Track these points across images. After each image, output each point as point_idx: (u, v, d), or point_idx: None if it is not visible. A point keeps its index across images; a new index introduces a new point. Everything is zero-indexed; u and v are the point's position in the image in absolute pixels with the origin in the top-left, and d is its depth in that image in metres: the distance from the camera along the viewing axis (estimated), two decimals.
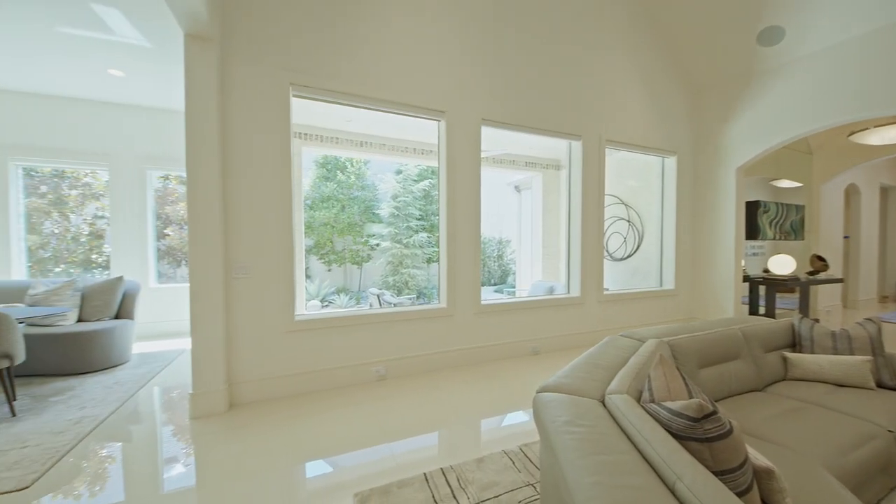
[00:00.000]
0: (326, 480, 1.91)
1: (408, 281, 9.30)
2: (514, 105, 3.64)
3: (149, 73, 3.85)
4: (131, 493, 1.81)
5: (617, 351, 1.61)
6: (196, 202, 2.46)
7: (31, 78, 3.96)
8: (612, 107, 4.25)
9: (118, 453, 2.17)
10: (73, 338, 3.25)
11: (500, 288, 10.45)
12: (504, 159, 6.71)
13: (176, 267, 6.81)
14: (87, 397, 2.81)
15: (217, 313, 2.54)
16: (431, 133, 5.19)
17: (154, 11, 2.77)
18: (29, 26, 3.01)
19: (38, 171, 5.09)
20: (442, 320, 3.38)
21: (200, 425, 2.41)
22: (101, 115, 4.61)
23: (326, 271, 9.59)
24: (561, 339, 3.97)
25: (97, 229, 5.65)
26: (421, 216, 9.69)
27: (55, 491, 1.79)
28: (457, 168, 3.38)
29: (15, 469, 1.91)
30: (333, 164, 9.65)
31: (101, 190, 5.53)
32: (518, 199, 8.43)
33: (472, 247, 3.48)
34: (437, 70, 3.27)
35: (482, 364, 3.50)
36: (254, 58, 2.66)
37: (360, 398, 2.79)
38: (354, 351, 3.06)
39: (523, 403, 2.73)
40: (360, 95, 2.98)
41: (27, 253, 4.64)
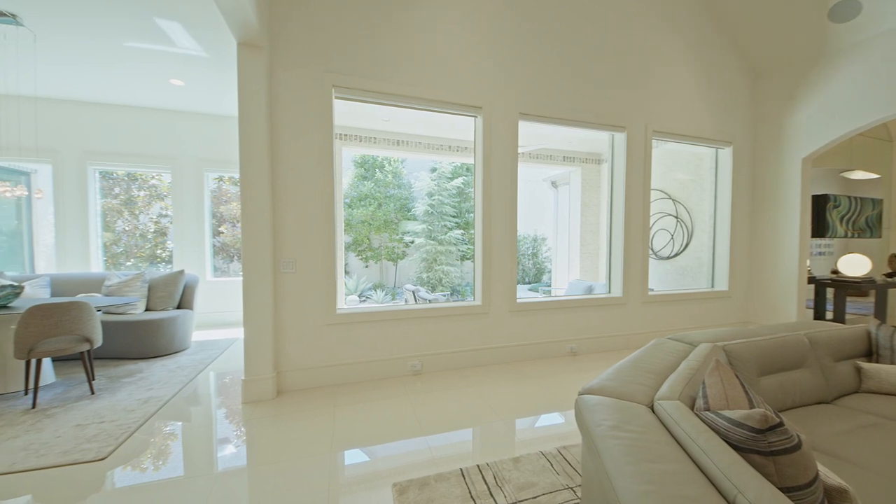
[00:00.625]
0: (366, 468, 1.97)
1: (441, 278, 9.37)
2: (553, 97, 3.54)
3: (205, 82, 4.14)
4: (189, 469, 1.98)
5: (665, 355, 1.53)
6: (249, 202, 2.62)
7: (105, 90, 4.39)
8: (659, 95, 4.01)
9: (179, 432, 2.37)
10: (142, 325, 3.59)
11: (534, 286, 10.25)
12: (541, 154, 6.56)
13: (229, 262, 7.31)
14: (153, 379, 3.10)
15: (267, 306, 2.70)
16: (467, 130, 5.19)
17: (210, 23, 2.97)
18: (102, 42, 3.33)
19: (112, 174, 5.64)
20: (477, 318, 3.37)
21: (251, 409, 2.58)
22: (165, 122, 5.03)
23: (364, 267, 9.88)
24: (600, 341, 3.83)
25: (161, 227, 6.20)
26: (455, 213, 9.72)
27: (126, 463, 1.99)
28: (493, 164, 3.35)
29: (94, 441, 2.14)
30: (371, 163, 9.89)
31: (165, 191, 6.05)
32: (554, 196, 8.21)
33: (508, 244, 3.44)
34: (473, 65, 3.25)
35: (517, 363, 3.46)
36: (299, 62, 2.78)
37: (396, 391, 2.86)
38: (391, 345, 3.13)
39: (560, 405, 2.67)
40: (398, 94, 3.03)
41: (103, 248, 5.16)
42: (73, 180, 4.79)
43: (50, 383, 2.94)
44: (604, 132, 3.91)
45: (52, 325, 2.57)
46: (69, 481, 1.82)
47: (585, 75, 3.66)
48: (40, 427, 2.29)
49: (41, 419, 2.39)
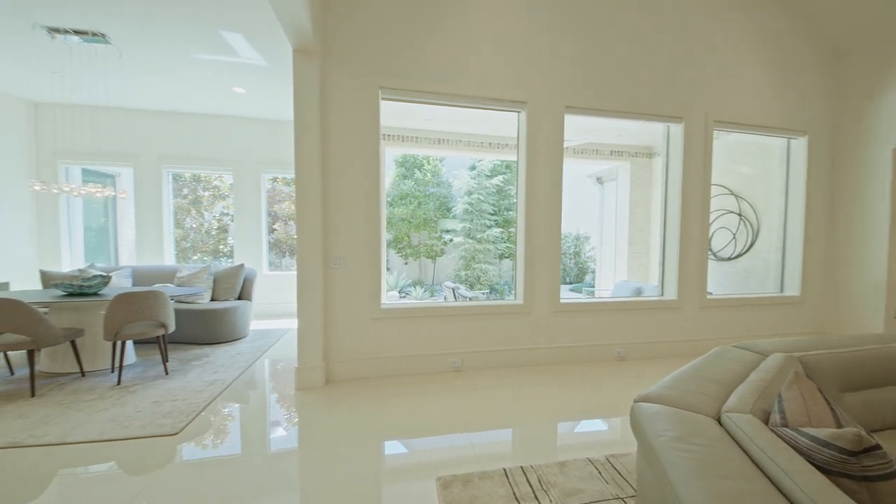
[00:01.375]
0: (410, 460, 2.02)
1: (479, 276, 9.34)
2: (601, 88, 3.38)
3: (263, 89, 4.42)
4: (246, 448, 2.14)
5: (731, 364, 1.42)
6: (303, 202, 2.77)
7: (177, 99, 4.83)
8: (722, 81, 3.70)
9: (239, 413, 2.56)
10: (207, 314, 3.93)
11: (577, 287, 9.91)
12: (586, 149, 6.31)
13: (281, 257, 7.78)
14: (217, 364, 3.38)
15: (318, 299, 2.84)
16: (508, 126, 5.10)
17: (269, 33, 3.16)
18: (175, 55, 3.66)
19: (182, 177, 6.20)
20: (519, 317, 3.32)
21: (302, 396, 2.73)
22: (228, 128, 5.45)
23: (403, 264, 10.07)
24: (651, 346, 3.62)
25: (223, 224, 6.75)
26: (494, 211, 9.63)
27: (194, 439, 2.18)
28: (537, 160, 3.27)
29: (168, 417, 2.38)
30: (411, 162, 10.05)
31: (227, 191, 6.57)
32: (600, 192, 7.87)
33: (551, 243, 3.35)
34: (516, 59, 3.18)
35: (560, 365, 3.36)
36: (348, 66, 2.88)
37: (437, 387, 2.89)
38: (433, 341, 3.17)
39: (606, 411, 2.56)
40: (442, 93, 3.05)
41: (174, 243, 5.69)
42: (150, 182, 5.33)
43: (131, 363, 3.30)
44: (658, 123, 3.68)
45: (134, 312, 2.88)
46: (147, 452, 2.04)
47: (637, 63, 3.46)
48: (124, 402, 2.57)
49: (125, 395, 2.69)
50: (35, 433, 2.15)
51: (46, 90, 4.48)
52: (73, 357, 3.02)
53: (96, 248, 5.80)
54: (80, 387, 2.82)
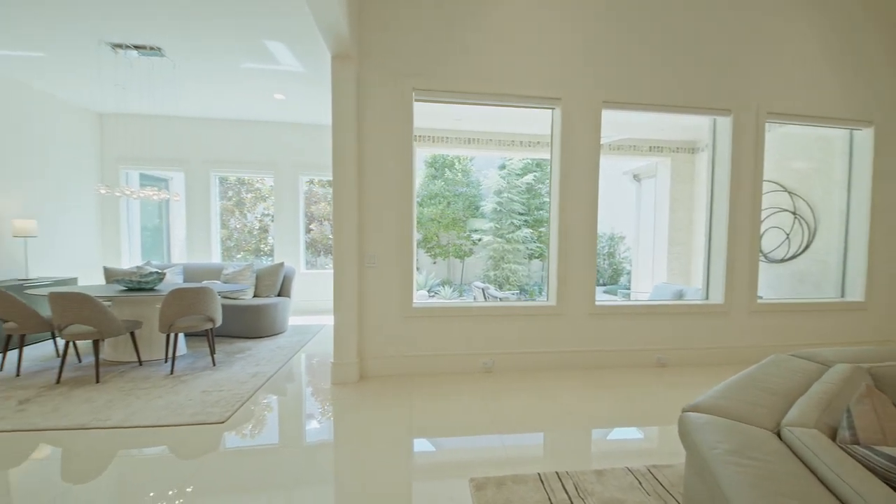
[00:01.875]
0: (442, 458, 2.03)
1: (509, 276, 9.24)
2: (641, 81, 3.24)
3: (302, 95, 4.60)
4: (285, 439, 2.23)
5: (789, 374, 1.32)
6: (340, 202, 2.86)
7: (223, 107, 5.12)
8: (775, 69, 3.44)
9: (279, 405, 2.68)
10: (250, 309, 4.14)
11: (611, 289, 9.58)
12: (622, 145, 6.07)
13: (316, 256, 8.07)
14: (259, 357, 3.55)
15: (353, 297, 2.92)
16: (540, 124, 5.00)
17: (308, 41, 3.28)
18: (223, 66, 3.88)
19: (227, 180, 6.57)
20: (551, 319, 3.25)
21: (338, 390, 2.82)
22: (269, 133, 5.72)
23: (432, 264, 10.13)
24: (694, 353, 3.43)
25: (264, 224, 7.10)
26: (524, 211, 9.50)
27: (238, 427, 2.30)
28: (571, 158, 3.19)
29: (216, 406, 2.52)
30: (441, 162, 10.10)
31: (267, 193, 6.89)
32: (637, 190, 7.56)
33: (586, 243, 3.25)
34: (551, 55, 3.11)
35: (595, 370, 3.26)
36: (383, 69, 2.94)
37: (468, 387, 2.89)
38: (463, 341, 3.17)
39: (646, 419, 2.46)
40: (475, 92, 3.04)
41: (220, 242, 6.04)
42: (199, 185, 5.69)
43: (182, 354, 3.54)
44: (703, 117, 3.48)
45: (186, 306, 3.09)
46: (196, 438, 2.17)
47: (680, 54, 3.29)
48: (177, 391, 2.76)
49: (177, 384, 2.88)
50: (99, 416, 2.35)
51: (110, 102, 4.89)
52: (131, 347, 3.28)
53: (151, 246, 6.27)
54: (138, 375, 3.05)
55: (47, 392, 2.70)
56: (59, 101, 4.76)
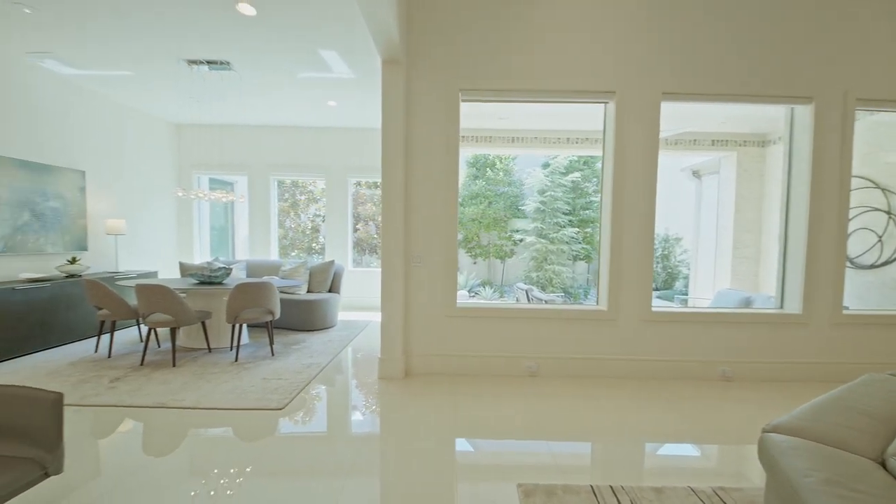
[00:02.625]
0: (488, 460, 2.01)
1: (552, 278, 8.97)
2: (706, 69, 2.98)
3: (352, 101, 4.80)
4: (335, 429, 2.34)
5: (890, 395, 1.14)
6: (388, 202, 2.94)
7: (280, 115, 5.48)
8: (865, 48, 3.01)
9: (330, 395, 2.81)
10: (304, 304, 4.40)
11: (665, 294, 8.96)
12: (681, 140, 5.66)
13: (362, 255, 8.38)
14: (312, 349, 3.75)
15: (399, 295, 2.99)
16: (589, 119, 4.81)
17: (359, 47, 3.41)
18: (282, 76, 4.15)
19: (283, 182, 7.02)
20: (602, 324, 3.11)
21: (384, 385, 2.90)
22: (321, 138, 6.04)
23: (472, 264, 10.09)
24: (766, 367, 3.11)
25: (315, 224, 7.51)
26: (569, 210, 9.17)
27: (293, 414, 2.45)
28: (626, 154, 3.02)
29: (275, 393, 2.70)
30: (482, 162, 10.03)
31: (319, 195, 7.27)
32: (696, 187, 7.01)
33: (642, 245, 3.07)
34: (604, 46, 2.96)
35: (650, 380, 3.06)
36: (430, 71, 2.98)
37: (513, 390, 2.84)
38: (507, 343, 3.13)
39: (710, 437, 2.27)
40: (524, 90, 2.98)
41: (278, 241, 6.46)
42: (260, 188, 6.14)
43: (245, 343, 3.83)
44: (778, 106, 3.14)
45: (249, 299, 3.34)
46: (256, 422, 2.34)
47: (750, 38, 2.98)
48: (241, 377, 2.99)
49: (241, 371, 3.12)
50: (176, 397, 2.61)
51: (185, 113, 5.43)
52: (202, 335, 3.60)
53: (218, 244, 6.87)
54: (208, 361, 3.35)
55: (133, 373, 3.04)
56: (143, 114, 5.36)
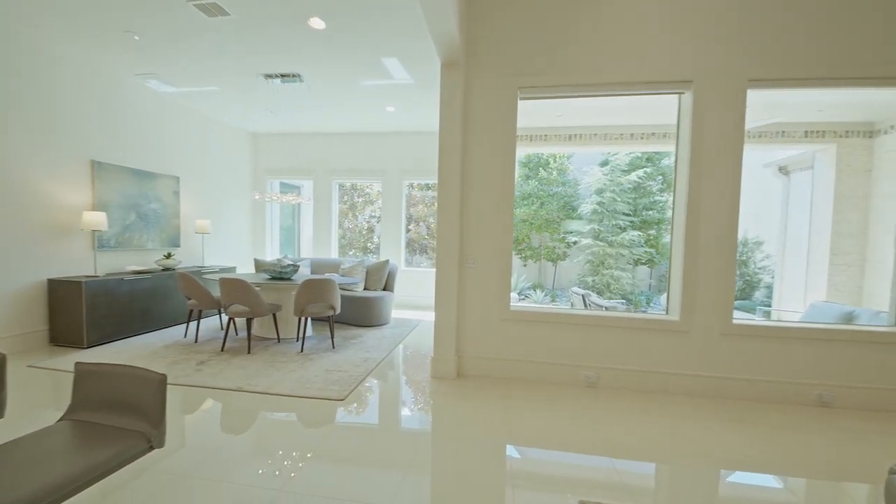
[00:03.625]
0: (541, 470, 1.94)
1: (610, 283, 8.48)
2: (801, 49, 2.62)
3: (409, 105, 4.94)
4: (386, 422, 2.41)
5: None
6: (444, 204, 2.98)
7: (343, 122, 5.79)
8: None
9: (385, 390, 2.90)
10: (361, 301, 4.60)
11: (742, 304, 8.06)
12: (766, 132, 5.06)
13: (412, 255, 8.58)
14: (369, 344, 3.91)
15: (452, 295, 3.01)
16: (655, 113, 4.47)
17: (419, 53, 3.50)
18: (346, 85, 4.37)
19: (343, 185, 7.40)
20: (672, 335, 2.87)
21: (437, 384, 2.93)
22: (379, 142, 6.30)
23: (522, 266, 9.86)
24: (872, 394, 2.66)
25: (370, 225, 7.85)
26: (629, 212, 8.61)
27: (352, 406, 2.56)
28: (704, 149, 2.76)
29: (336, 384, 2.84)
30: (535, 161, 9.76)
31: (375, 197, 7.58)
32: (784, 185, 6.23)
33: (723, 250, 2.78)
34: (681, 31, 2.73)
35: (729, 400, 2.77)
36: (488, 71, 2.97)
37: (569, 399, 2.72)
38: (564, 350, 3.00)
39: (803, 469, 1.99)
40: (587, 84, 2.85)
41: (338, 241, 6.84)
42: (323, 191, 6.55)
43: (309, 335, 4.09)
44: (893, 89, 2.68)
45: (315, 295, 3.56)
46: (319, 410, 2.48)
47: (860, 10, 2.58)
48: (306, 367, 3.20)
49: (306, 361, 3.34)
50: (251, 382, 2.85)
51: (260, 123, 5.95)
52: (273, 326, 3.91)
53: (286, 242, 7.43)
54: (277, 350, 3.63)
55: (215, 357, 3.38)
56: (225, 125, 5.96)
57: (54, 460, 1.09)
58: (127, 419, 1.29)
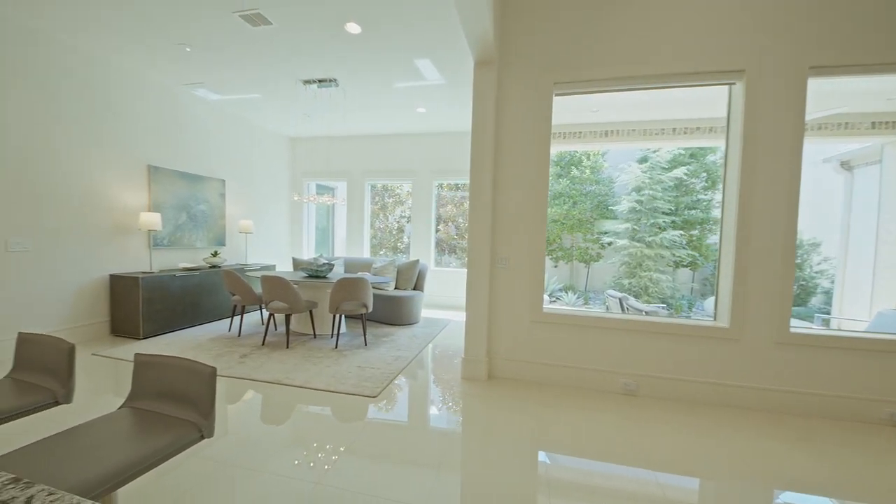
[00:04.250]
0: (581, 479, 1.88)
1: (648, 286, 8.09)
2: (872, 32, 2.37)
3: (440, 106, 4.95)
4: (414, 420, 2.42)
5: None
6: (476, 204, 2.96)
7: (375, 125, 5.90)
8: None
9: (416, 389, 2.91)
10: (393, 300, 4.66)
11: (798, 311, 7.45)
12: (826, 123, 4.64)
13: (442, 255, 8.60)
14: (399, 343, 3.96)
15: (484, 297, 2.98)
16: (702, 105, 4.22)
17: (451, 53, 3.49)
18: (380, 88, 4.45)
19: (375, 186, 7.54)
20: (720, 343, 2.69)
21: (467, 385, 2.91)
22: (410, 144, 6.36)
23: (553, 267, 9.62)
24: None
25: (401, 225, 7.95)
26: (671, 210, 8.17)
27: (384, 403, 2.60)
28: (758, 143, 2.57)
29: (369, 381, 2.89)
30: (567, 160, 9.49)
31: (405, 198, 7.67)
32: (847, 181, 5.69)
33: (780, 251, 2.58)
34: (730, 15, 2.55)
35: (785, 415, 2.55)
36: (521, 68, 2.91)
37: (607, 407, 2.62)
38: (600, 355, 2.89)
39: (877, 496, 1.80)
40: (627, 77, 2.73)
41: (370, 240, 6.98)
42: (356, 192, 6.71)
43: (343, 332, 4.20)
44: None
45: (348, 293, 3.65)
46: (352, 406, 2.53)
47: None
48: (340, 363, 3.28)
49: (339, 357, 3.42)
50: (289, 376, 2.96)
51: (298, 127, 6.18)
52: (309, 322, 4.04)
53: (321, 242, 7.67)
54: (313, 345, 3.75)
55: (256, 351, 3.54)
56: (265, 130, 6.24)
57: (118, 445, 1.17)
58: (180, 408, 1.37)
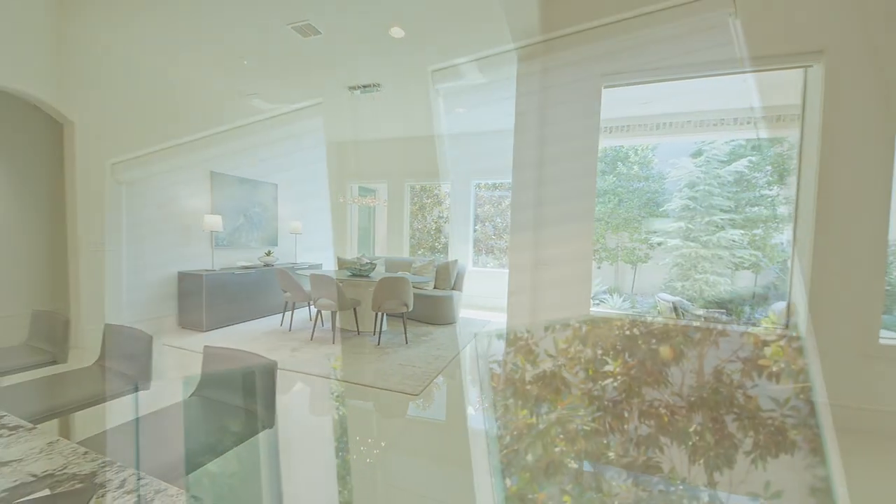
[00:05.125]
0: None
1: (703, 289, 7.49)
2: None
3: (480, 105, 4.93)
4: (450, 417, 2.42)
5: None
6: (518, 202, 2.91)
7: (414, 128, 5.99)
8: None
9: (456, 388, 2.91)
10: (432, 299, 4.71)
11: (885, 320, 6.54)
12: None
13: (478, 255, 8.55)
14: (439, 342, 3.99)
15: (525, 297, 2.92)
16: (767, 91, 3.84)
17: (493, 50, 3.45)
18: (417, 89, 4.50)
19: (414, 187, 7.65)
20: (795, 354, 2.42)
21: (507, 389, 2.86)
22: (449, 144, 6.39)
23: (596, 269, 9.19)
24: None
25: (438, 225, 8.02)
26: (729, 208, 7.51)
27: (425, 401, 2.62)
28: (838, 132, 2.29)
29: (411, 379, 2.94)
30: (613, 155, 9.03)
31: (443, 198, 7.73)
32: None
33: (866, 253, 2.28)
34: None
35: (875, 435, 2.26)
36: (568, 60, 2.81)
37: None
38: None
39: None
40: (683, 65, 2.55)
41: (409, 240, 7.10)
42: (396, 194, 6.86)
43: (384, 330, 4.30)
44: None
45: (390, 291, 3.74)
46: (395, 402, 2.58)
47: None
48: (382, 360, 3.36)
49: (382, 355, 3.51)
50: (337, 371, 3.08)
51: (343, 132, 6.43)
52: (353, 320, 4.19)
53: (363, 242, 7.93)
54: (357, 342, 3.87)
55: (305, 345, 3.72)
56: (314, 135, 6.55)
57: (191, 432, 1.28)
58: (244, 399, 1.46)
